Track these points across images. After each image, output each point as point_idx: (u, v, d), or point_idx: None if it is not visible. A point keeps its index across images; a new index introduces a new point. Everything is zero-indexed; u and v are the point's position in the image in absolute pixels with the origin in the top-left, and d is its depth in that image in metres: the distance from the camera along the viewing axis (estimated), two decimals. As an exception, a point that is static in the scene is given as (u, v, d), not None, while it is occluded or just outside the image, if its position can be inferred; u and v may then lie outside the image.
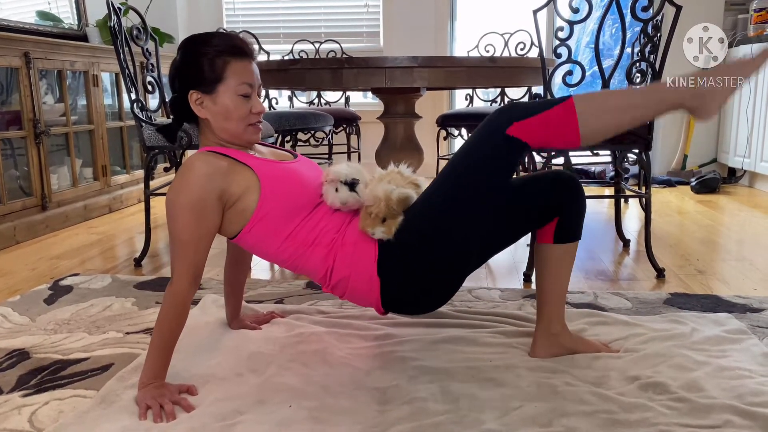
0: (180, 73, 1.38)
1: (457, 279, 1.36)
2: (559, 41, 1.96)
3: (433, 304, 1.40)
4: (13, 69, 2.76)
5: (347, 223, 1.36)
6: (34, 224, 2.87)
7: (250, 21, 4.73)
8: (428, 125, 4.10)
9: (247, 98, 1.37)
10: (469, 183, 1.31)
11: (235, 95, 1.35)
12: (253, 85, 1.38)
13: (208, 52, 1.34)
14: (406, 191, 1.32)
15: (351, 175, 1.34)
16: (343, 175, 1.34)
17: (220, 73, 1.34)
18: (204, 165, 1.30)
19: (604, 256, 2.46)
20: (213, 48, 1.34)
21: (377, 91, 2.72)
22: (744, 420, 1.18)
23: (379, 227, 1.29)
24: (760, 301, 1.86)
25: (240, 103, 1.36)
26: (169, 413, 1.22)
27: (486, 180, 1.30)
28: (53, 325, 1.74)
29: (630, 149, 2.19)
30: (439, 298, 1.38)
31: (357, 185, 1.34)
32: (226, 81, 1.34)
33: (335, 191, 1.35)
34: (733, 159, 4.08)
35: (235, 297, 1.68)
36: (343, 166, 1.37)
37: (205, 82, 1.34)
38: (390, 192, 1.29)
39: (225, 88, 1.35)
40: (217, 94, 1.35)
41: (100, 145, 3.40)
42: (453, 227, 1.30)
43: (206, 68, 1.34)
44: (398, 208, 1.30)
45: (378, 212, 1.28)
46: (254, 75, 1.38)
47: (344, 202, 1.34)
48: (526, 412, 1.22)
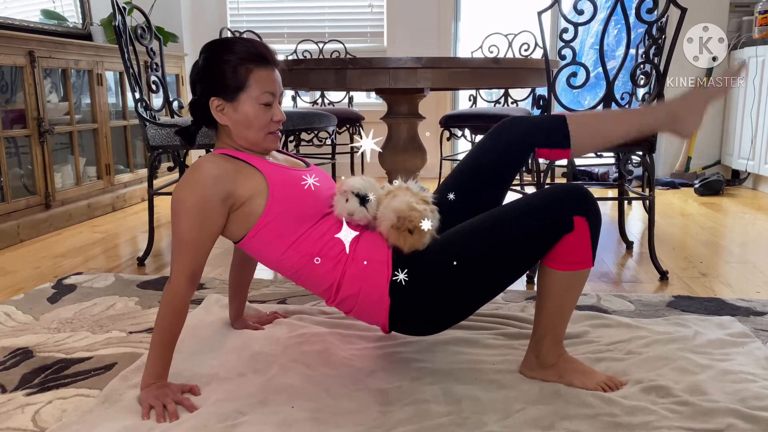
0: (202, 78, 1.36)
1: (469, 310, 1.35)
2: (564, 43, 1.96)
3: (439, 328, 1.40)
4: (18, 67, 2.77)
5: (357, 239, 1.34)
6: (37, 223, 2.88)
7: (254, 20, 4.73)
8: (431, 126, 4.10)
9: (269, 107, 1.36)
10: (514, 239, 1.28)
11: (256, 104, 1.34)
12: (275, 93, 1.36)
13: (230, 60, 1.32)
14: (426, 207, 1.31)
15: (364, 189, 1.33)
16: (356, 188, 1.33)
17: (243, 82, 1.33)
18: (212, 167, 1.30)
19: (607, 258, 2.45)
20: (236, 55, 1.33)
21: (381, 91, 2.72)
22: (747, 424, 1.17)
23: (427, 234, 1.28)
24: (764, 305, 1.86)
25: (261, 112, 1.34)
26: (172, 413, 1.22)
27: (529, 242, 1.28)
28: (56, 323, 1.75)
29: (634, 151, 2.19)
30: (447, 323, 1.38)
31: (368, 201, 1.33)
32: (248, 90, 1.33)
33: (345, 201, 1.34)
34: (736, 161, 4.07)
35: (239, 297, 1.68)
36: (358, 179, 1.36)
37: (227, 89, 1.33)
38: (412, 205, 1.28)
39: (247, 96, 1.33)
40: (238, 103, 1.34)
41: (104, 144, 3.41)
42: (483, 275, 1.29)
43: (229, 76, 1.32)
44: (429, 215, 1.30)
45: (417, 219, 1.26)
46: (277, 83, 1.37)
47: (351, 213, 1.32)
48: (528, 415, 1.22)
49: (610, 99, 2.02)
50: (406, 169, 2.70)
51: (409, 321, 1.35)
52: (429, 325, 1.37)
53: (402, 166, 2.69)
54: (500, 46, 4.00)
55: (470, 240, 1.31)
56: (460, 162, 1.54)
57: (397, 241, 1.29)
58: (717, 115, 4.30)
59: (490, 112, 3.57)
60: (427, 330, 1.40)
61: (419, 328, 1.39)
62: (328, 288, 1.35)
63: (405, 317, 1.34)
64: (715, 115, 4.30)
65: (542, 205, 1.29)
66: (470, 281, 1.29)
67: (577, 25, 1.94)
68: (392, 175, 2.73)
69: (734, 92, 4.11)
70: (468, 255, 1.29)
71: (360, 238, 1.34)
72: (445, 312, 1.34)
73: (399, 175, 2.65)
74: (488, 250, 1.29)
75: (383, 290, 1.30)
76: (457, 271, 1.28)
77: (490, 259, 1.29)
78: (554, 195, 1.30)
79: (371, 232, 1.35)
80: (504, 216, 1.32)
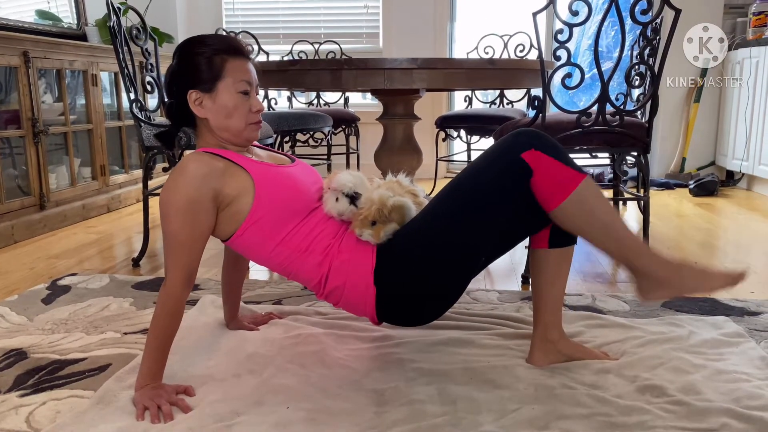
0: (177, 75, 1.37)
1: (453, 293, 1.35)
2: (559, 44, 1.96)
3: (427, 317, 1.39)
4: (12, 68, 2.76)
5: (344, 231, 1.35)
6: (32, 223, 2.87)
7: (249, 21, 4.73)
8: (427, 126, 4.10)
9: (247, 96, 1.36)
10: (474, 199, 1.28)
11: (234, 92, 1.35)
12: (252, 83, 1.37)
13: (205, 52, 1.34)
14: (402, 199, 1.31)
15: (355, 188, 1.34)
16: (347, 187, 1.33)
17: (219, 71, 1.34)
18: (199, 165, 1.30)
19: (602, 259, 2.46)
20: (209, 47, 1.34)
21: (376, 92, 2.72)
22: (741, 423, 1.18)
23: (367, 229, 1.29)
24: (758, 305, 1.87)
25: (240, 100, 1.35)
26: (167, 414, 1.22)
27: (490, 197, 1.27)
28: (51, 325, 1.74)
29: (628, 152, 2.20)
30: (434, 310, 1.38)
31: (358, 200, 1.34)
32: (224, 78, 1.34)
33: (335, 200, 1.35)
34: (731, 162, 4.09)
35: (232, 298, 1.68)
36: (348, 176, 1.36)
37: (204, 80, 1.34)
38: (386, 198, 1.29)
39: (224, 85, 1.34)
40: (216, 92, 1.34)
41: (99, 145, 3.40)
42: (454, 242, 1.29)
43: (204, 67, 1.34)
44: (392, 215, 1.29)
45: (368, 214, 1.28)
46: (252, 74, 1.38)
47: (341, 213, 1.34)
48: (523, 415, 1.23)
49: (605, 100, 2.03)
50: (402, 170, 2.70)
51: (396, 309, 1.35)
52: (417, 312, 1.37)
53: (397, 167, 2.68)
54: (496, 47, 4.00)
55: (437, 213, 1.31)
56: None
57: (354, 227, 1.31)
58: (711, 116, 4.31)
59: (486, 113, 3.57)
60: (416, 318, 1.39)
61: (407, 317, 1.39)
62: (318, 282, 1.35)
63: (391, 306, 1.34)
64: (710, 116, 4.31)
65: (491, 158, 1.29)
66: (445, 261, 1.29)
67: (572, 26, 1.95)
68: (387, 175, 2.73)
69: (729, 93, 4.12)
70: (438, 228, 1.29)
71: (346, 233, 1.35)
72: (430, 296, 1.33)
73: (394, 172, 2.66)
74: (454, 214, 1.29)
75: (368, 279, 1.31)
76: (435, 247, 1.28)
77: (458, 231, 1.28)
78: (499, 145, 1.30)
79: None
80: (459, 183, 1.31)
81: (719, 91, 4.27)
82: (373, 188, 1.35)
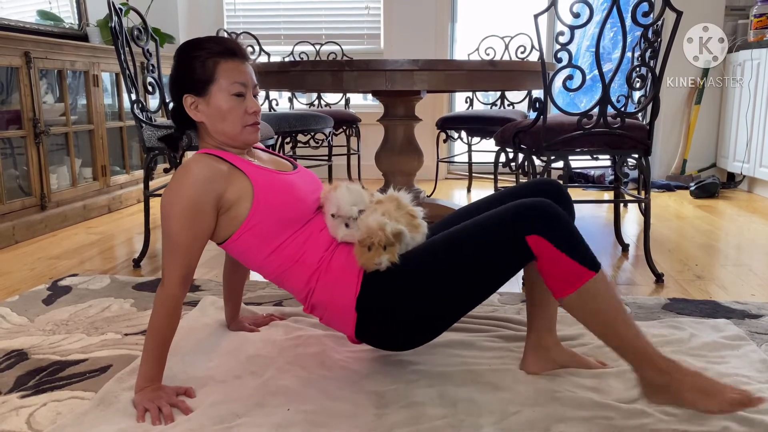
0: (174, 80, 1.37)
1: (432, 332, 1.33)
2: (560, 45, 1.96)
3: (405, 346, 1.38)
4: (14, 68, 2.76)
5: (336, 245, 1.34)
6: (33, 224, 2.87)
7: (250, 22, 4.73)
8: (428, 128, 4.10)
9: (242, 98, 1.35)
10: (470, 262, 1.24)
11: (228, 95, 1.34)
12: (247, 84, 1.36)
13: (200, 55, 1.34)
14: (399, 227, 1.27)
15: (358, 208, 1.32)
16: (354, 211, 1.31)
17: (211, 74, 1.33)
18: (203, 168, 1.30)
19: (603, 261, 2.46)
20: (204, 51, 1.34)
21: (377, 93, 2.73)
22: (741, 426, 1.18)
23: (385, 255, 1.25)
24: (759, 307, 1.87)
25: (234, 103, 1.34)
26: (167, 416, 1.22)
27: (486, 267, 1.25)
28: (51, 325, 1.74)
29: (629, 153, 2.20)
30: (411, 343, 1.36)
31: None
32: (217, 81, 1.33)
33: (345, 227, 1.32)
34: (732, 164, 4.09)
35: (233, 299, 1.68)
36: (346, 194, 1.33)
37: (197, 84, 1.34)
38: (383, 224, 1.25)
39: (217, 88, 1.33)
40: (210, 96, 1.34)
41: (100, 145, 3.40)
42: (441, 295, 1.26)
43: (198, 71, 1.33)
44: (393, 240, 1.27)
45: (380, 241, 1.24)
46: (247, 75, 1.37)
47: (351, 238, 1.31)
48: (524, 417, 1.22)
49: (606, 102, 2.03)
50: (403, 171, 2.70)
51: (374, 335, 1.35)
52: (394, 342, 1.36)
53: (398, 168, 2.70)
54: (497, 48, 4.01)
55: (433, 259, 1.27)
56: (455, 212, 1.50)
57: (356, 254, 1.28)
58: (712, 118, 4.31)
59: (487, 115, 3.58)
60: (393, 344, 1.38)
61: (385, 343, 1.38)
62: (305, 296, 1.35)
63: (370, 331, 1.33)
64: (711, 118, 4.31)
65: (496, 223, 1.24)
66: (430, 306, 1.27)
67: (573, 28, 1.94)
68: (388, 177, 2.73)
69: (729, 95, 4.12)
70: (430, 274, 1.26)
71: (337, 249, 1.33)
72: (409, 331, 1.32)
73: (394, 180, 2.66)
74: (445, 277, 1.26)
75: (351, 304, 1.29)
76: (423, 291, 1.26)
77: (449, 285, 1.25)
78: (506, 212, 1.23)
79: (349, 244, 1.33)
80: (460, 240, 1.26)
81: (720, 93, 4.27)
82: (371, 208, 1.32)
